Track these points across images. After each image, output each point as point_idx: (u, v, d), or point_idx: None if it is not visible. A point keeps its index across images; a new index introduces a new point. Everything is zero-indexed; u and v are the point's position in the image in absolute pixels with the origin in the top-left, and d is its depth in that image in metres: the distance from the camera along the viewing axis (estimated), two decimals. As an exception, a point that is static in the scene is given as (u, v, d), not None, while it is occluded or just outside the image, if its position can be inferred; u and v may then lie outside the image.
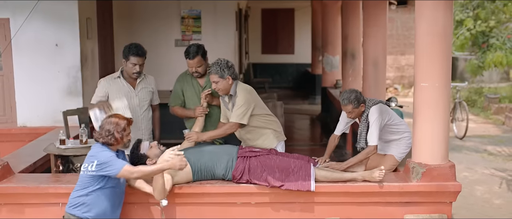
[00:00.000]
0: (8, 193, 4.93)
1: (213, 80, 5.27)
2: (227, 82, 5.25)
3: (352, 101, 5.24)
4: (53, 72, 7.84)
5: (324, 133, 12.09)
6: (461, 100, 12.77)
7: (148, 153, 4.95)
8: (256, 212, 4.98)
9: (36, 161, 5.97)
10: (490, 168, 9.62)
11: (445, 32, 4.75)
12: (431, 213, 4.91)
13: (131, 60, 5.59)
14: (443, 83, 4.81)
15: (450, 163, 4.92)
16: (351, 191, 4.90)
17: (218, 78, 5.23)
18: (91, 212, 4.47)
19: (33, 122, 7.90)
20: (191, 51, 5.60)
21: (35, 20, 7.51)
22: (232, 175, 4.86)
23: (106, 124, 4.51)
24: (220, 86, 5.26)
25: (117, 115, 4.63)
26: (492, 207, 7.65)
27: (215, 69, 5.22)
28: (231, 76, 5.26)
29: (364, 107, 5.32)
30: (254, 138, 5.40)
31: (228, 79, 5.24)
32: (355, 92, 5.32)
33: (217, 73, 5.22)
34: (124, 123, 4.51)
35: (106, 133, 4.47)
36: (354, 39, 10.69)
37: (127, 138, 4.57)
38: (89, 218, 4.47)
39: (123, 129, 4.51)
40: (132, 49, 5.60)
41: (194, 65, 5.65)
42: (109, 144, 4.49)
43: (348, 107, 5.27)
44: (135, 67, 5.61)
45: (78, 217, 4.47)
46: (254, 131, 5.40)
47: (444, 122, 4.88)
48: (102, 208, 4.50)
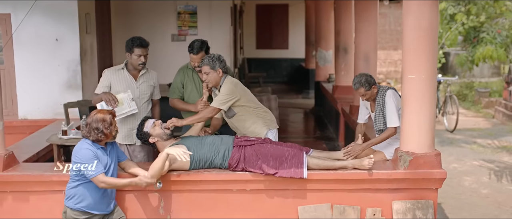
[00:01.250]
0: (13, 181, 5.05)
1: (204, 71, 5.46)
2: (217, 75, 5.45)
3: (363, 84, 5.51)
4: (53, 66, 8.00)
5: (317, 126, 12.26)
6: (452, 94, 12.96)
7: (151, 131, 5.16)
8: (251, 199, 5.12)
9: (39, 151, 6.13)
10: (479, 160, 9.82)
11: (431, 27, 4.91)
12: (417, 199, 5.06)
13: (136, 52, 5.67)
14: (429, 75, 4.97)
15: (435, 151, 5.09)
16: (341, 178, 5.05)
17: (209, 69, 5.43)
18: (82, 202, 4.59)
19: (33, 115, 8.05)
20: (196, 46, 5.77)
21: (35, 16, 7.65)
22: (228, 163, 5.03)
23: (93, 122, 4.56)
24: (210, 77, 5.45)
25: (101, 111, 4.68)
26: (479, 196, 7.83)
27: (207, 61, 5.43)
28: (222, 69, 5.46)
29: (376, 88, 5.58)
30: (243, 126, 5.58)
31: (218, 71, 5.43)
32: (365, 75, 5.60)
33: (208, 65, 5.42)
34: (109, 118, 4.59)
35: (95, 132, 4.53)
36: (346, 34, 10.83)
37: (114, 129, 4.66)
38: (82, 209, 4.59)
39: (109, 123, 4.58)
40: (135, 41, 5.70)
41: (197, 60, 5.81)
42: (99, 140, 4.58)
43: (361, 90, 5.55)
44: (140, 58, 5.68)
45: (71, 208, 4.60)
46: (242, 120, 5.57)
47: (430, 113, 5.04)
48: (93, 198, 4.60)
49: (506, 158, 9.97)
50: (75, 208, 4.58)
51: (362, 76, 5.61)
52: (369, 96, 5.62)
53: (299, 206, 5.12)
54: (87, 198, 4.59)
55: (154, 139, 5.15)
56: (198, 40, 5.90)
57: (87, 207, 4.60)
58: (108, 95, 5.58)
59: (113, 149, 4.76)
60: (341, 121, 9.69)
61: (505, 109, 13.65)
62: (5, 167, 5.09)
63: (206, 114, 5.45)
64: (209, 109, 5.47)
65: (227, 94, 5.40)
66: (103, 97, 5.58)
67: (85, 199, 4.59)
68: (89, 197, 4.59)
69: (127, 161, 4.92)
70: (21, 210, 5.10)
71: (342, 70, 10.64)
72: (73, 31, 7.97)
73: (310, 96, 16.26)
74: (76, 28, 7.95)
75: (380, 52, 19.63)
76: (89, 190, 4.58)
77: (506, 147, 10.79)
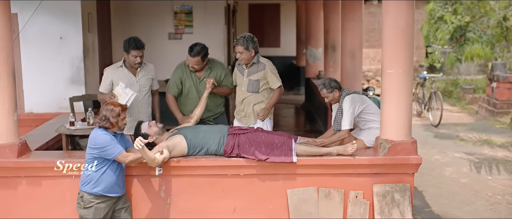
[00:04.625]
0: (27, 167, 5.34)
1: (238, 51, 6.04)
2: (250, 54, 6.06)
3: (326, 86, 5.91)
4: (58, 62, 8.28)
5: (307, 120, 12.59)
6: (436, 90, 13.30)
7: (148, 131, 5.49)
8: (245, 183, 5.44)
9: (48, 141, 6.47)
10: (460, 152, 10.15)
11: (407, 26, 5.23)
12: (396, 183, 5.41)
13: (132, 53, 6.05)
14: (406, 70, 5.29)
15: (412, 139, 5.43)
16: (327, 163, 5.39)
17: (243, 49, 6.02)
18: (98, 187, 4.91)
19: (39, 109, 8.33)
20: (195, 50, 6.14)
21: (41, 15, 7.91)
22: (224, 150, 5.37)
23: (103, 110, 4.93)
24: (244, 56, 6.06)
25: (113, 102, 5.01)
26: (458, 185, 8.17)
27: (241, 42, 6.01)
28: (254, 49, 6.05)
29: (338, 93, 5.93)
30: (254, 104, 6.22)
31: (251, 51, 6.04)
32: (329, 79, 6.00)
33: (242, 45, 6.01)
34: (118, 109, 4.91)
35: (102, 118, 4.89)
36: (335, 32, 11.05)
37: (122, 122, 4.96)
38: (98, 193, 4.92)
39: (117, 114, 4.89)
40: (131, 44, 6.04)
41: (192, 63, 6.20)
42: (106, 127, 4.92)
43: (323, 91, 5.95)
44: (136, 59, 6.07)
45: (88, 192, 4.92)
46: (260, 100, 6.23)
47: (407, 104, 5.37)
48: (109, 182, 4.94)
49: (486, 150, 10.30)
50: (92, 192, 4.90)
51: (326, 79, 6.01)
52: (331, 99, 5.97)
53: (288, 189, 5.43)
54: (103, 183, 4.91)
55: (153, 138, 5.44)
56: (199, 44, 6.21)
57: (103, 191, 4.91)
58: (105, 96, 5.97)
59: (121, 139, 5.10)
60: (329, 115, 9.85)
61: (487, 105, 14.02)
62: (19, 154, 5.37)
63: (280, 95, 6.33)
64: (279, 89, 6.26)
65: (275, 70, 6.20)
66: (106, 98, 5.94)
67: (100, 184, 4.91)
68: (105, 182, 4.91)
69: (131, 148, 5.24)
70: (34, 193, 5.38)
71: (331, 67, 10.90)
72: (76, 30, 8.22)
73: (301, 92, 16.45)
74: (79, 26, 8.20)
75: (369, 50, 19.97)
76: (104, 175, 4.91)
77: (486, 140, 11.13)
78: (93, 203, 4.93)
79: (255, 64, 6.13)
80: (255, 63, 6.13)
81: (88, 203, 4.93)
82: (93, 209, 4.93)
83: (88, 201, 4.93)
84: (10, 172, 5.40)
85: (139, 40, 6.13)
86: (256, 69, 6.15)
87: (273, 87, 6.21)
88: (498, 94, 13.65)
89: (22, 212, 5.44)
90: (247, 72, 6.16)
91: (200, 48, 6.17)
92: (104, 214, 4.98)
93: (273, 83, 6.18)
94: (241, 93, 6.24)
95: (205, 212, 5.51)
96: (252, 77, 6.15)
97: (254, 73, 6.15)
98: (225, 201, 5.50)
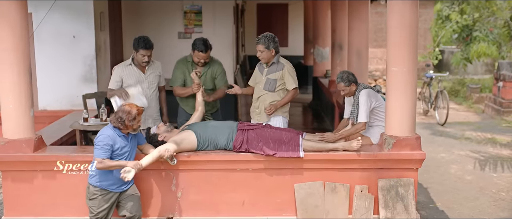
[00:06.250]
0: (43, 161, 5.52)
1: (258, 49, 6.18)
2: (270, 53, 6.18)
3: (344, 79, 6.05)
4: (71, 60, 8.41)
5: (315, 119, 12.67)
6: (443, 90, 13.34)
7: (157, 131, 5.63)
8: (253, 177, 5.59)
9: (62, 136, 6.63)
10: (466, 150, 10.20)
11: (411, 25, 5.37)
12: (400, 178, 5.54)
13: (140, 52, 6.24)
14: (410, 68, 5.44)
15: (416, 135, 5.56)
16: (333, 159, 5.53)
17: (264, 48, 6.16)
18: (102, 181, 5.07)
19: (52, 106, 8.46)
20: (208, 45, 6.40)
21: (55, 14, 8.05)
22: (233, 145, 5.52)
23: (120, 111, 5.04)
24: (264, 55, 6.19)
25: (131, 105, 5.09)
26: (463, 182, 8.23)
27: (263, 41, 6.15)
28: (275, 49, 6.19)
29: (355, 86, 6.07)
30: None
31: (272, 51, 6.17)
32: (347, 72, 6.14)
33: (264, 44, 6.15)
34: (135, 112, 5.02)
35: (118, 119, 5.01)
36: (342, 32, 11.03)
37: (137, 124, 5.09)
38: (101, 187, 5.08)
39: (133, 117, 5.01)
40: (140, 43, 6.22)
41: (204, 58, 6.44)
42: (119, 128, 5.07)
43: (340, 85, 6.09)
44: (144, 58, 6.27)
45: (93, 185, 5.10)
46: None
47: (411, 101, 5.50)
48: (112, 178, 5.09)
49: (492, 149, 10.35)
50: (96, 185, 5.08)
51: (344, 72, 6.13)
52: (347, 92, 6.11)
53: (295, 183, 5.57)
54: (107, 178, 5.07)
55: (162, 136, 5.57)
56: (204, 39, 6.44)
57: (105, 185, 5.09)
58: (121, 91, 6.13)
59: (134, 136, 5.24)
60: (336, 113, 10.03)
61: (493, 104, 14.07)
62: (35, 149, 5.54)
63: (294, 95, 6.45)
64: (294, 90, 6.38)
65: (294, 72, 6.29)
66: (116, 93, 6.13)
67: (104, 179, 5.07)
68: (108, 176, 5.08)
69: (145, 144, 5.44)
70: (49, 186, 5.57)
71: (338, 65, 10.91)
72: (89, 29, 8.35)
73: (309, 91, 16.44)
74: (91, 26, 8.33)
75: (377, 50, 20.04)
76: (109, 171, 5.06)
77: (492, 139, 11.18)
78: (96, 195, 5.10)
79: (275, 64, 6.25)
80: (274, 63, 6.25)
81: (93, 195, 5.11)
82: (97, 201, 5.11)
83: (92, 193, 5.11)
84: (27, 166, 5.56)
85: (148, 40, 6.30)
86: (275, 69, 6.28)
87: (288, 88, 6.31)
88: (504, 93, 13.69)
89: (38, 203, 5.61)
90: (267, 71, 6.30)
91: (210, 43, 6.44)
92: (108, 206, 5.14)
93: (289, 84, 6.29)
94: (258, 90, 6.39)
95: (214, 205, 5.65)
96: (270, 76, 6.28)
97: (272, 72, 6.28)
98: (234, 195, 5.64)
